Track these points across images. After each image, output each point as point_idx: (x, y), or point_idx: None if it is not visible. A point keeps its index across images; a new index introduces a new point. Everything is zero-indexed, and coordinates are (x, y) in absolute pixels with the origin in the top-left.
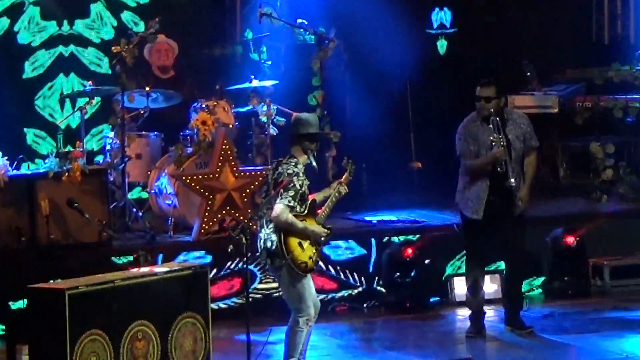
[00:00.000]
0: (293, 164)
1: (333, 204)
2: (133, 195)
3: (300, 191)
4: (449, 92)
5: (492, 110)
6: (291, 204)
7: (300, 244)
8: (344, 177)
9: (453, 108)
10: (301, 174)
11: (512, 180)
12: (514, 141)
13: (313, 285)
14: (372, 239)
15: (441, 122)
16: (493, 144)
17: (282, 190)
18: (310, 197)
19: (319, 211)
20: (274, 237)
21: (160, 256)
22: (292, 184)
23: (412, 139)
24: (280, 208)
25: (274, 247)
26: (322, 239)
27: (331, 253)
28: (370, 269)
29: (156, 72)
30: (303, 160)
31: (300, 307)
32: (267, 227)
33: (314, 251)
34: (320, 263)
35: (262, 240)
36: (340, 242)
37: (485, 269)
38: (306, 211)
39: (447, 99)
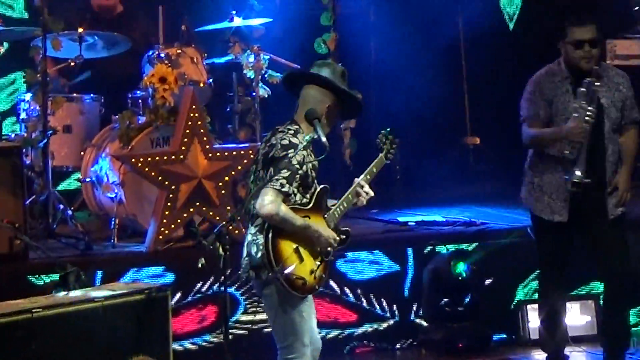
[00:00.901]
0: (292, 132)
1: (355, 198)
2: (60, 185)
3: (300, 171)
4: (520, 40)
5: (596, 60)
6: (285, 189)
7: (297, 251)
8: (377, 159)
9: (525, 63)
10: (301, 147)
11: (579, 173)
12: (608, 108)
13: (315, 316)
14: (409, 249)
15: (508, 82)
16: (575, 114)
17: (272, 169)
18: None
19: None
20: (260, 238)
21: (99, 274)
22: (288, 161)
23: (466, 105)
24: (268, 195)
25: (259, 254)
26: (331, 248)
27: (348, 269)
28: (406, 293)
29: (95, 7)
30: (309, 132)
31: (292, 344)
32: (253, 225)
33: (319, 264)
34: (332, 283)
35: (245, 245)
36: (362, 254)
37: (573, 292)
38: (312, 203)
39: (517, 49)
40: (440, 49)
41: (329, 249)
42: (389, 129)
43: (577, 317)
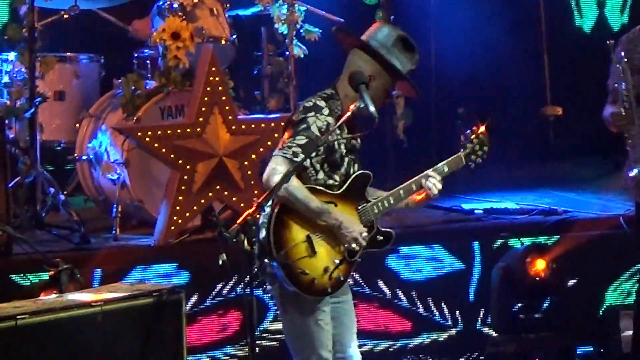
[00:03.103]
0: (323, 95)
1: (411, 192)
2: (50, 164)
3: (322, 140)
4: None
5: None
6: (298, 159)
7: (309, 241)
8: (454, 157)
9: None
10: (327, 114)
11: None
12: None
13: (352, 325)
14: (475, 243)
15: (597, 40)
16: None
17: (286, 134)
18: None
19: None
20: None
21: (98, 273)
22: (306, 126)
23: (545, 67)
24: (276, 163)
25: (263, 237)
26: (355, 246)
27: (402, 268)
28: (471, 297)
29: None
30: (346, 100)
31: (303, 358)
32: (268, 204)
33: (338, 262)
34: (382, 285)
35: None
36: (419, 249)
37: None
38: (343, 189)
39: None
40: (517, 1)
41: (353, 245)
42: (485, 124)
43: None
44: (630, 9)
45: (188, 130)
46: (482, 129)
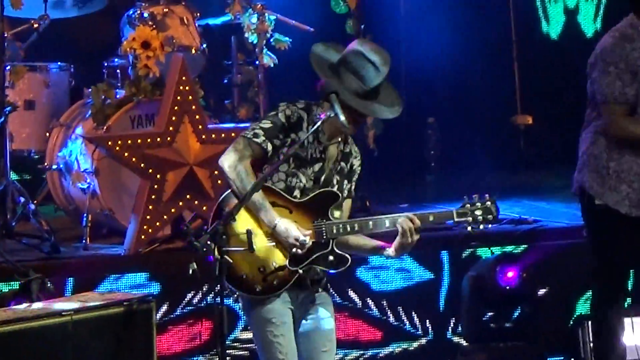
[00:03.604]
0: (306, 101)
1: (389, 226)
2: (20, 174)
3: (287, 126)
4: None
5: None
6: (258, 140)
7: (248, 235)
8: (443, 211)
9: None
10: (301, 107)
11: None
12: None
13: (317, 343)
14: (444, 253)
15: (567, 50)
16: None
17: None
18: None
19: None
20: None
21: (70, 282)
22: (274, 113)
23: (515, 76)
24: (233, 144)
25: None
26: (294, 250)
27: (372, 278)
28: (441, 306)
29: None
30: (324, 108)
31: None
32: None
33: (277, 266)
34: (353, 295)
35: None
36: (388, 259)
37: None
38: (304, 199)
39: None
40: (486, 10)
41: (293, 250)
42: (494, 196)
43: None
44: (602, 15)
45: (158, 139)
46: (491, 202)
